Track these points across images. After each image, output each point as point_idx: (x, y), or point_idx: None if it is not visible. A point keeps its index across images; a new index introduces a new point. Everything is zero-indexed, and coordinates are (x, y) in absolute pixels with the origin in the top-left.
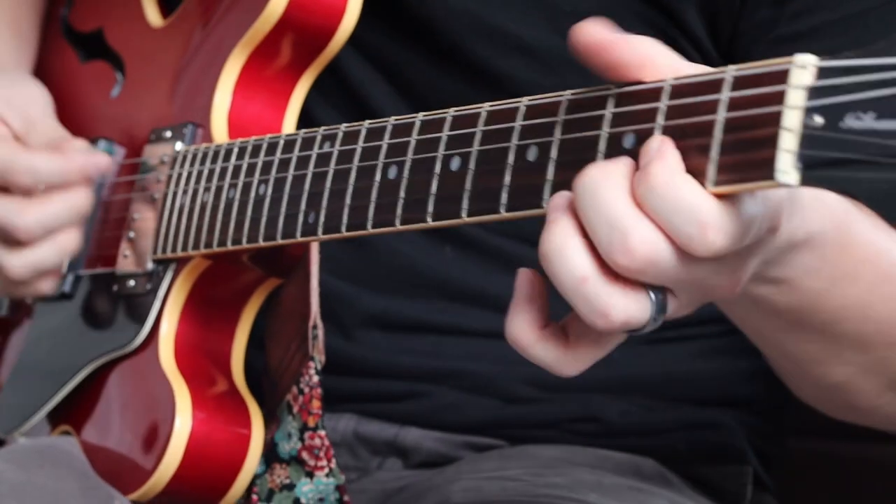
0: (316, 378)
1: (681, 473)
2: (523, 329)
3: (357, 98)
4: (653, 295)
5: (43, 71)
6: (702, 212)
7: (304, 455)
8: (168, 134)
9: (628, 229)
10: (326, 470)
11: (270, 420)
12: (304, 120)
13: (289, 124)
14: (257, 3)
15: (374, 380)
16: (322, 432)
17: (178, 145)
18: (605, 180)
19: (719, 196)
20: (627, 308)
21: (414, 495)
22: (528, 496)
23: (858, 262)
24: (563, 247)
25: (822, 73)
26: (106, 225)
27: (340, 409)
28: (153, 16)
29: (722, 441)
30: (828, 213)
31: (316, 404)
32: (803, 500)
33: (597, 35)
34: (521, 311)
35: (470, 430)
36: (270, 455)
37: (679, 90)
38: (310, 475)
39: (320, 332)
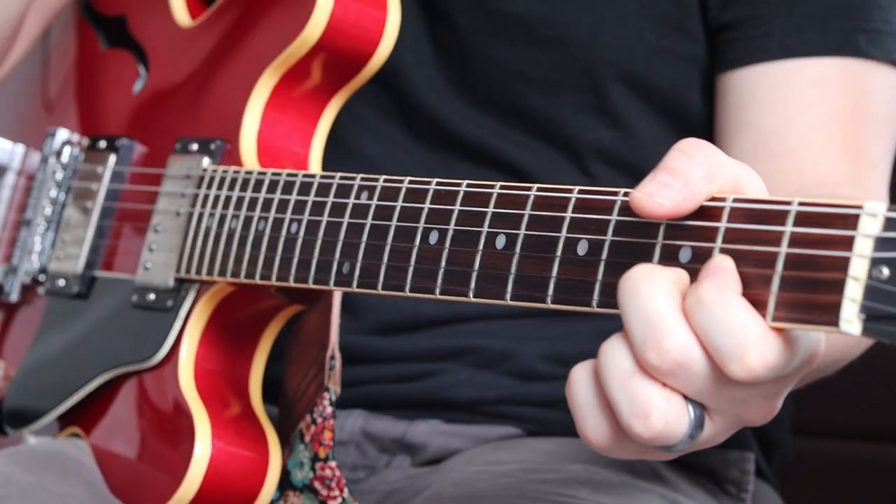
0: (329, 409)
1: (683, 460)
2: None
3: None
4: (691, 409)
5: (65, 51)
6: (747, 335)
7: (317, 485)
8: (195, 147)
9: (666, 330)
10: (339, 499)
11: (283, 445)
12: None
13: (317, 147)
14: (294, 24)
15: (387, 364)
16: (332, 463)
17: (205, 161)
18: (651, 279)
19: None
20: (668, 413)
21: (412, 493)
22: (517, 492)
23: None
24: (609, 342)
25: (890, 223)
26: (124, 231)
27: (350, 404)
28: (181, 14)
29: None
30: None
31: (328, 435)
32: (803, 500)
33: (668, 207)
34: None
35: (484, 411)
36: (284, 482)
37: (740, 214)
38: None
39: (337, 363)
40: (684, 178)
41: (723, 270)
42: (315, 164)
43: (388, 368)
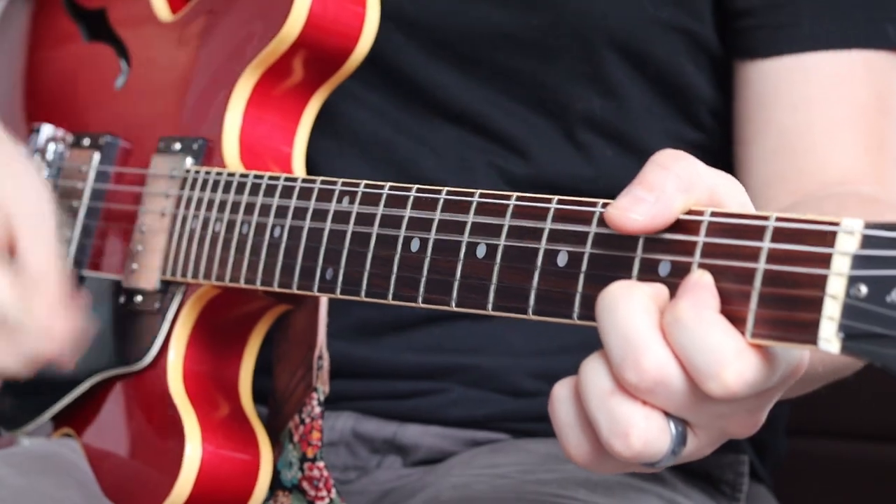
0: (318, 409)
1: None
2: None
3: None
4: (673, 426)
5: (45, 44)
6: (724, 354)
7: (305, 485)
8: (177, 146)
9: (643, 348)
10: (327, 500)
11: (273, 445)
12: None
13: (300, 144)
14: (274, 21)
15: (377, 380)
16: (321, 463)
17: (188, 161)
18: (629, 296)
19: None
20: (648, 432)
21: (407, 494)
22: (516, 493)
23: None
24: (588, 361)
25: (868, 241)
26: (110, 231)
27: (340, 408)
28: (161, 8)
29: None
30: None
31: (316, 435)
32: (803, 500)
33: (641, 223)
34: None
35: (474, 425)
36: (274, 482)
37: (717, 228)
38: None
39: (325, 363)
40: (659, 191)
41: (701, 287)
42: (299, 162)
43: (376, 385)
